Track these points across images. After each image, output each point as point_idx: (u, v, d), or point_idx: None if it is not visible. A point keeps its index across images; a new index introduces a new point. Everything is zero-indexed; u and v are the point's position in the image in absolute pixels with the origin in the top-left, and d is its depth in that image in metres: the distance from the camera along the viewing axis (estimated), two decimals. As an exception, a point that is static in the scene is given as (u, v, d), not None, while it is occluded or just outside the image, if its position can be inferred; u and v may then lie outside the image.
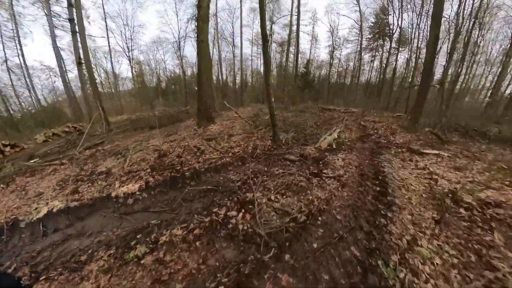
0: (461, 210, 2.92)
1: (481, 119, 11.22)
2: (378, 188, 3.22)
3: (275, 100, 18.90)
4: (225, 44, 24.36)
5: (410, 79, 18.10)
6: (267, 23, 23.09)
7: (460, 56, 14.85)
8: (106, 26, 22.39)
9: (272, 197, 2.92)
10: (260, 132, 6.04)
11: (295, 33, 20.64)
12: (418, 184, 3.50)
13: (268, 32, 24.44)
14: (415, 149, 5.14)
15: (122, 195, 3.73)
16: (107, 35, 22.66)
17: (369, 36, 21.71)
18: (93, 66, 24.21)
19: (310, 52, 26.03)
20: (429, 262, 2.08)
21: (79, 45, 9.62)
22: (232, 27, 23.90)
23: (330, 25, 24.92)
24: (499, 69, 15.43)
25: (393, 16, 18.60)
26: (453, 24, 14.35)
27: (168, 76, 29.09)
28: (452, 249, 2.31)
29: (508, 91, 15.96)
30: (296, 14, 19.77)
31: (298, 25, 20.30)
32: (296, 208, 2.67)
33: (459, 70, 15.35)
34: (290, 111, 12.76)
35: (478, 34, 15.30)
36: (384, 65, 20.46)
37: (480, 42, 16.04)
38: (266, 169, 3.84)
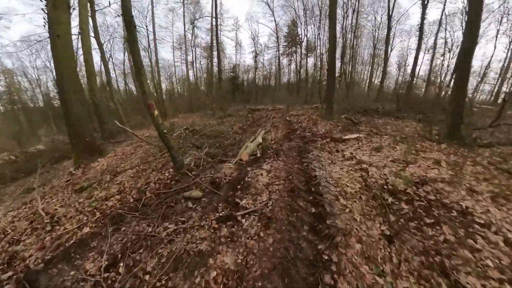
0: (403, 205, 2.41)
1: (368, 101, 14.03)
2: (314, 210, 2.32)
3: (203, 107, 17.30)
4: (142, 48, 20.51)
5: (318, 77, 22.03)
6: (188, 25, 21.29)
7: (349, 57, 19.14)
8: None
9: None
10: (163, 157, 4.34)
11: (219, 38, 19.90)
12: (353, 182, 2.89)
13: (189, 35, 22.69)
14: (337, 138, 4.91)
15: None
16: None
17: (285, 44, 25.05)
18: None
19: (236, 57, 26.89)
20: None
21: None
22: (146, 27, 20.09)
23: (252, 32, 27.09)
24: (370, 67, 22.52)
25: (301, 28, 22.56)
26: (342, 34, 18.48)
27: (62, 90, 21.32)
28: (418, 282, 1.57)
29: (377, 81, 22.37)
30: (215, 17, 18.96)
31: (217, 29, 19.54)
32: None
33: (349, 67, 19.88)
34: (218, 117, 11.59)
35: (356, 42, 21.03)
36: (298, 67, 24.20)
37: (357, 48, 21.64)
38: (151, 228, 2.29)
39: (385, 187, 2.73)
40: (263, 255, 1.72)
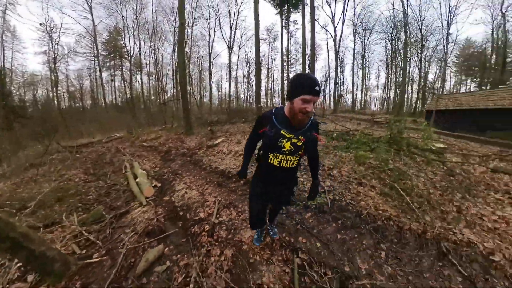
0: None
1: (205, 115, 17.88)
2: (242, 182, 3.52)
3: None
4: None
5: (153, 96, 21.99)
6: None
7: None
8: None
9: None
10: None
11: None
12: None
13: None
14: (211, 145, 6.39)
15: None
16: None
17: (105, 53, 19.60)
18: None
19: (3, 54, 15.37)
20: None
21: None
22: None
23: (46, 21, 16.58)
24: (199, 89, 27.22)
25: (129, 41, 19.43)
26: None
27: None
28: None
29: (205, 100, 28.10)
30: None
31: None
32: None
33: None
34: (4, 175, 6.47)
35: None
36: (128, 84, 20.64)
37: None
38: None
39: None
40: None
